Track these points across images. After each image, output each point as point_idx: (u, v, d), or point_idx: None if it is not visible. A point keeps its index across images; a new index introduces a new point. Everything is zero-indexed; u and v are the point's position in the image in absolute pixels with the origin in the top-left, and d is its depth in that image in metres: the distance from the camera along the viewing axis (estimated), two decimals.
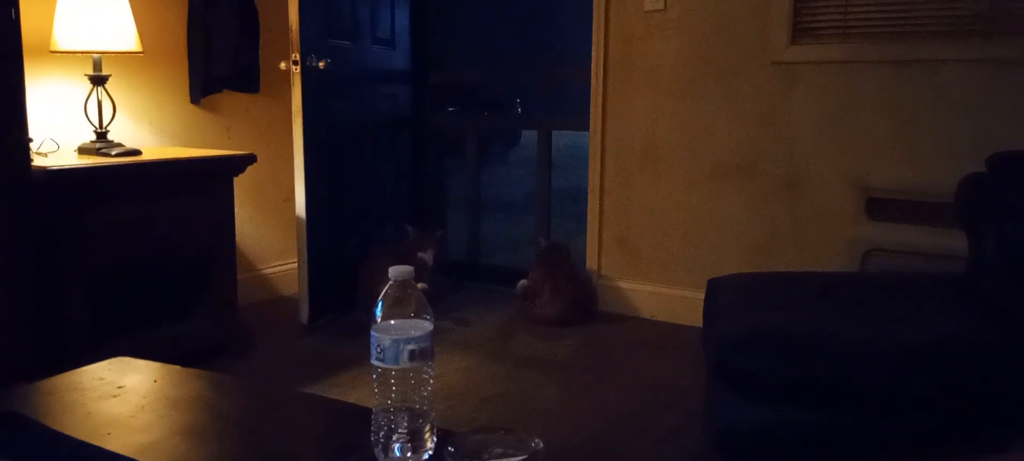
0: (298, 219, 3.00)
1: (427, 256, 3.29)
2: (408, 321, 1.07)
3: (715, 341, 1.81)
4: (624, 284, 3.30)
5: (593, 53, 3.23)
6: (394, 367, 1.02)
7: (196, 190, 2.63)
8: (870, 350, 1.69)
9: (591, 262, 3.37)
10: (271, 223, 3.45)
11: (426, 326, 1.07)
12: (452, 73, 3.99)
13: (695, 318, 2.39)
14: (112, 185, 2.40)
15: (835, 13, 2.80)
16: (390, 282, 1.13)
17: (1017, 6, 2.53)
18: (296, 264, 3.08)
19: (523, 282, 3.32)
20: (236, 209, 2.79)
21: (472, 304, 3.45)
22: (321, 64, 2.96)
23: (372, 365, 1.03)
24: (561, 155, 4.45)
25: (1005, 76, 2.55)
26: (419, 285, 2.87)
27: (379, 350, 1.03)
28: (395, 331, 1.04)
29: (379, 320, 1.09)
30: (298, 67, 2.87)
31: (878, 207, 2.77)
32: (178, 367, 1.34)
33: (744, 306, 1.91)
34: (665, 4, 3.06)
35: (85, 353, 2.22)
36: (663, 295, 3.20)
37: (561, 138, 3.86)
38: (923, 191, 2.67)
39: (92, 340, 2.34)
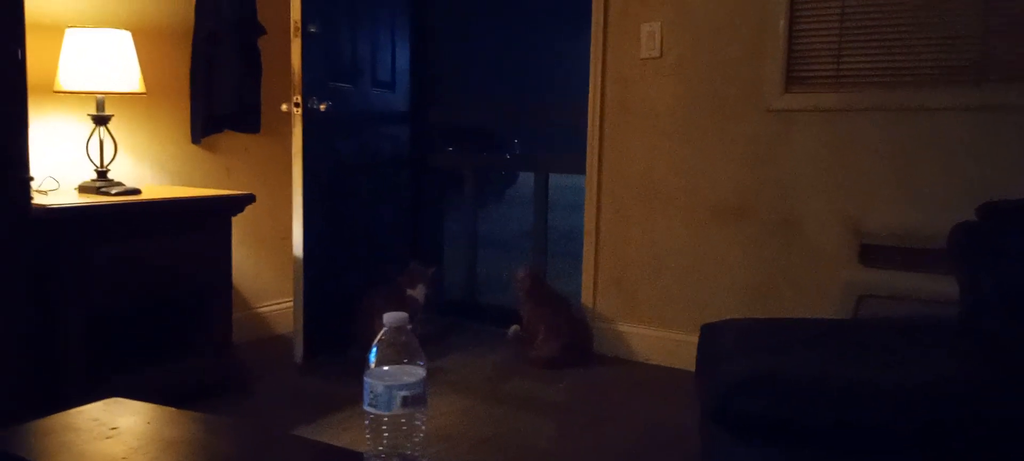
0: (295, 258, 3.01)
1: (417, 293, 3.29)
2: (401, 367, 1.09)
3: (714, 383, 1.82)
4: (620, 326, 3.30)
5: (590, 96, 3.27)
6: (387, 413, 1.03)
7: (194, 229, 2.64)
8: (868, 392, 1.69)
9: (587, 303, 3.37)
10: (268, 261, 3.46)
11: (419, 372, 1.09)
12: (451, 113, 4.03)
13: (692, 362, 2.38)
14: (111, 224, 2.42)
15: (828, 62, 2.83)
16: (384, 328, 1.14)
17: (1007, 53, 2.58)
18: (292, 303, 3.08)
19: (515, 328, 3.32)
20: (234, 247, 2.80)
21: (468, 344, 3.44)
22: (322, 106, 2.99)
23: (365, 411, 1.04)
24: (561, 192, 4.47)
25: (997, 122, 2.58)
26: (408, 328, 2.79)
27: (372, 396, 1.04)
28: (388, 377, 1.05)
29: (373, 366, 1.11)
30: (300, 109, 2.91)
31: (872, 253, 2.78)
32: (172, 409, 1.35)
33: (742, 350, 1.92)
34: (661, 51, 3.11)
35: (81, 391, 2.22)
36: (660, 338, 3.20)
37: (560, 175, 3.90)
38: (917, 237, 2.68)
39: (88, 378, 2.34)
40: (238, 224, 2.93)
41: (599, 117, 3.26)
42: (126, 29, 2.69)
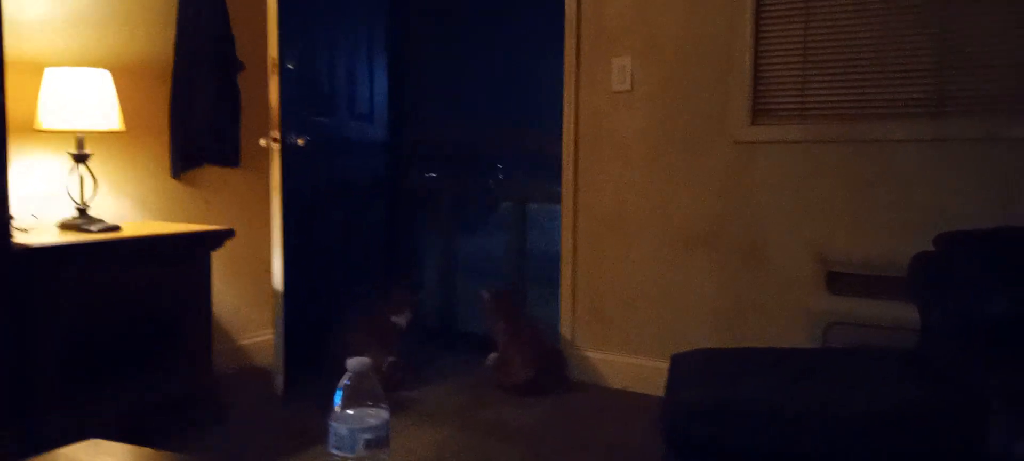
0: (275, 290, 3.03)
1: (401, 319, 3.31)
2: (365, 410, 1.15)
3: (670, 411, 1.87)
4: (597, 353, 3.33)
5: (564, 127, 3.32)
6: (351, 455, 1.09)
7: (174, 265, 2.66)
8: (820, 418, 1.74)
9: (564, 330, 3.40)
10: (248, 294, 3.47)
11: (383, 415, 1.15)
12: (430, 142, 4.08)
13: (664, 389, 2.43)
14: (91, 261, 2.43)
15: (792, 96, 2.90)
16: (348, 372, 1.20)
17: (961, 88, 2.67)
18: (272, 335, 3.10)
19: (494, 355, 3.35)
20: (214, 280, 2.83)
21: (445, 372, 3.46)
22: (300, 141, 3.03)
23: (330, 453, 1.10)
24: (544, 214, 4.51)
25: (953, 153, 2.65)
26: (389, 359, 2.95)
27: (337, 438, 1.10)
28: (352, 421, 1.11)
29: (337, 409, 1.16)
30: (278, 144, 2.93)
31: (838, 281, 2.83)
32: (149, 450, 1.39)
33: (700, 378, 1.96)
34: (631, 85, 3.17)
35: (59, 427, 2.26)
36: (633, 365, 3.24)
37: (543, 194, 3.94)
38: (880, 265, 2.73)
39: (66, 412, 2.36)
40: (218, 257, 2.95)
41: (574, 147, 3.31)
42: (105, 67, 2.73)
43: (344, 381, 1.14)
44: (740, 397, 1.84)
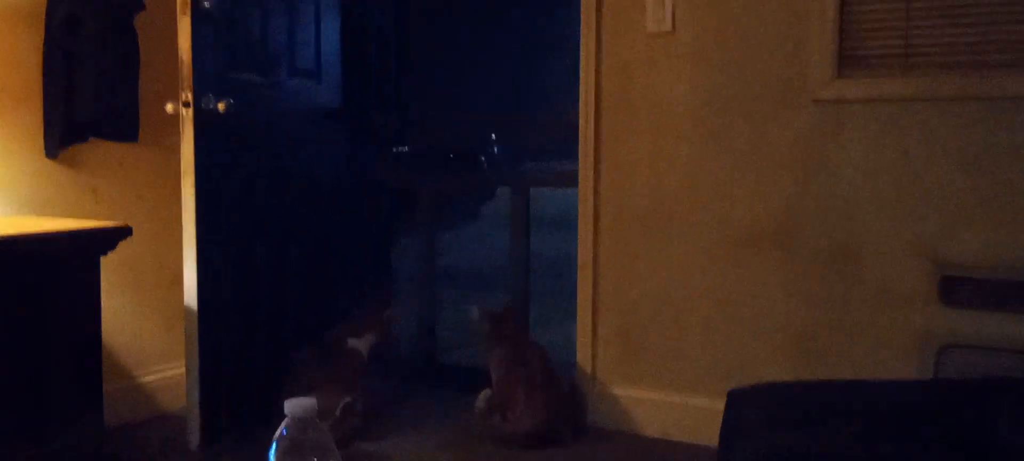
0: (187, 310, 3.00)
1: (362, 345, 3.33)
2: None
3: None
4: (624, 390, 3.31)
5: (581, 87, 3.30)
6: None
7: (49, 275, 2.62)
8: None
9: (583, 360, 3.38)
10: (152, 316, 3.45)
11: None
12: (400, 110, 4.05)
13: (717, 437, 2.38)
14: None
15: (894, 36, 2.86)
16: (287, 418, 1.16)
17: None
18: (185, 370, 3.07)
19: (486, 393, 3.32)
20: (104, 299, 2.79)
21: (421, 418, 3.44)
22: (221, 106, 3.01)
23: None
24: (553, 204, 4.48)
25: None
26: (344, 400, 2.89)
27: None
28: None
29: None
30: (190, 110, 2.91)
31: (957, 289, 2.79)
32: None
33: (767, 424, 1.96)
34: (673, 24, 3.13)
35: None
36: (676, 406, 3.21)
37: (548, 188, 3.93)
38: (1018, 267, 2.71)
39: None
40: (110, 266, 2.90)
41: (594, 114, 3.28)
42: None
43: (281, 431, 1.14)
44: (821, 451, 1.81)
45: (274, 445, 1.14)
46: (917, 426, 1.95)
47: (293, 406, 1.15)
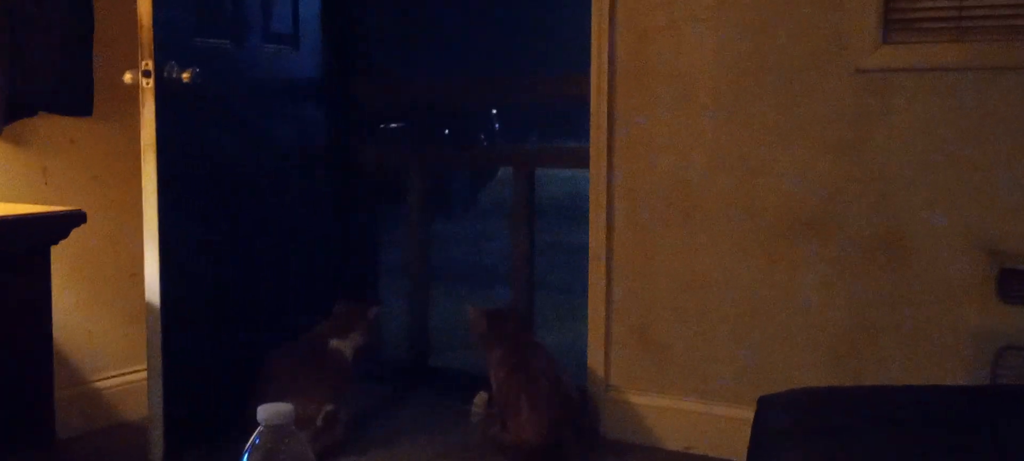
0: (149, 307, 3.01)
1: (346, 347, 3.32)
2: None
3: None
4: (642, 397, 3.33)
5: (593, 54, 3.30)
6: None
7: None
8: None
9: (594, 363, 3.40)
10: (109, 312, 3.46)
11: None
12: (388, 82, 4.05)
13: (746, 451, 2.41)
14: None
15: None
16: (260, 427, 1.16)
17: None
18: (146, 374, 3.07)
19: (483, 395, 3.34)
20: (56, 293, 2.78)
21: (412, 427, 3.45)
22: (186, 75, 3.01)
23: None
24: (561, 187, 4.49)
25: None
26: (325, 408, 2.94)
27: None
28: None
29: None
30: (151, 80, 2.91)
31: (1017, 283, 2.81)
32: None
33: (801, 435, 1.96)
34: None
35: None
36: (700, 415, 3.23)
37: (554, 170, 3.93)
38: None
39: None
40: (62, 257, 2.91)
41: (607, 85, 3.29)
42: None
43: (253, 440, 1.14)
44: None
45: (245, 457, 1.15)
46: (971, 437, 1.95)
47: (267, 412, 1.14)
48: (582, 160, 3.38)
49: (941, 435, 1.94)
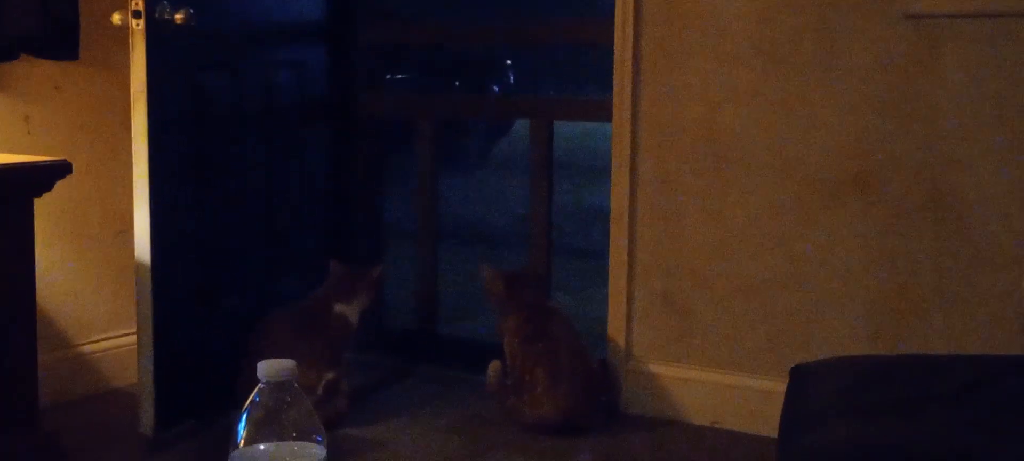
0: (138, 266, 3.01)
1: (350, 311, 3.33)
2: (286, 446, 1.10)
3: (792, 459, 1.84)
4: (666, 368, 3.34)
5: None
6: None
7: None
8: None
9: (615, 332, 3.41)
10: (96, 271, 3.47)
11: (315, 454, 1.10)
12: (395, 25, 4.04)
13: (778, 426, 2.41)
14: None
15: None
16: (260, 384, 1.16)
17: None
18: (136, 338, 3.08)
19: (496, 364, 3.36)
20: (39, 250, 2.81)
21: (420, 399, 3.48)
22: (179, 16, 2.99)
23: None
24: (581, 142, 4.47)
25: None
26: (327, 376, 2.94)
27: None
28: None
29: (241, 444, 1.12)
30: (141, 21, 2.90)
31: None
32: None
33: (842, 409, 1.95)
34: None
35: None
36: (729, 388, 3.24)
37: (573, 127, 3.92)
38: None
39: None
40: (46, 211, 2.93)
41: (632, 31, 3.28)
42: None
43: (254, 398, 1.13)
44: (904, 442, 1.80)
45: (244, 415, 1.14)
46: (1013, 414, 1.95)
47: (268, 368, 1.13)
48: (604, 112, 3.38)
49: (977, 403, 1.93)
